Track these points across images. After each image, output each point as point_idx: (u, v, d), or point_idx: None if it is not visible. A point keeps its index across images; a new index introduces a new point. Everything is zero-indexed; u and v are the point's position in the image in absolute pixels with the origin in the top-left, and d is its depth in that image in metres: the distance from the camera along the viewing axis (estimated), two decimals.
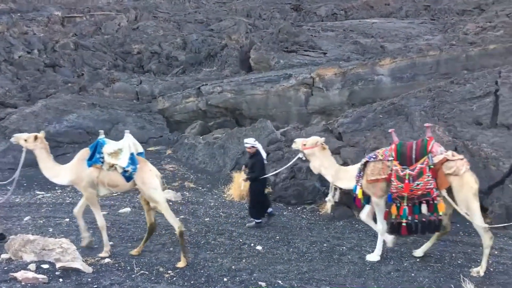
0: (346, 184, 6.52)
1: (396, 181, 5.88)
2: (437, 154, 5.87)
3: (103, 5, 27.62)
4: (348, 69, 13.72)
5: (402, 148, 5.98)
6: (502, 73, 10.26)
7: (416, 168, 5.81)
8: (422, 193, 5.81)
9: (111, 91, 14.84)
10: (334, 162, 6.86)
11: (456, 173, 5.78)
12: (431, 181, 5.78)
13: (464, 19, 25.78)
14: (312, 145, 6.73)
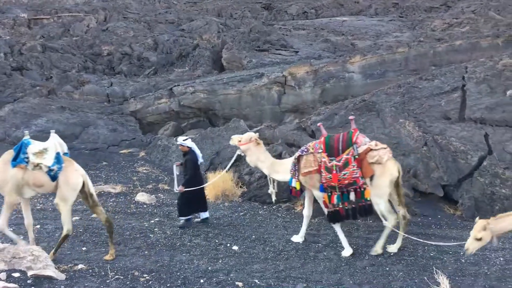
0: (282, 176, 6.94)
1: (325, 172, 6.21)
2: (362, 145, 6.21)
3: (71, 7, 27.09)
4: (319, 67, 13.84)
5: (330, 141, 6.34)
6: (468, 68, 10.54)
7: (342, 159, 6.16)
8: (349, 182, 6.15)
9: (81, 94, 14.55)
10: (269, 156, 7.26)
11: (379, 162, 6.12)
12: (357, 170, 6.13)
13: (432, 16, 26.34)
14: (246, 141, 7.13)
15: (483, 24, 20.21)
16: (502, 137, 8.55)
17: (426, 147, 8.96)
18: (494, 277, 5.66)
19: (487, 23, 20.14)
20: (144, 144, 12.42)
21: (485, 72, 10.09)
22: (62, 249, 6.49)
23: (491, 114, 9.14)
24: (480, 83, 9.85)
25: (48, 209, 8.44)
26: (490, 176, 8.14)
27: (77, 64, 17.91)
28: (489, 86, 9.69)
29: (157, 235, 7.15)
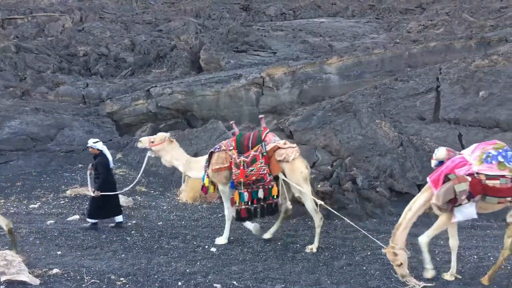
0: (196, 174, 7.07)
1: (235, 168, 6.44)
2: (270, 143, 6.48)
3: (46, 6, 26.62)
4: (297, 68, 13.91)
5: (241, 139, 6.56)
6: (442, 69, 10.74)
7: (250, 155, 6.39)
8: (256, 178, 6.39)
9: (56, 95, 14.30)
10: (184, 154, 7.35)
11: (287, 160, 6.40)
12: (264, 167, 6.38)
13: (407, 17, 26.75)
14: (161, 141, 7.15)
15: (457, 26, 20.62)
16: (475, 137, 8.72)
17: (402, 147, 9.10)
18: (468, 275, 5.76)
19: (461, 25, 20.56)
20: (121, 146, 12.29)
21: (459, 73, 10.30)
22: (36, 253, 6.39)
23: (464, 114, 9.33)
24: (454, 84, 10.05)
25: (21, 213, 8.28)
26: None
27: (52, 65, 17.62)
28: (463, 87, 9.89)
29: (134, 238, 7.09)
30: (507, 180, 5.17)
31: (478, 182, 5.20)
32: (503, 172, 5.18)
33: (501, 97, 9.37)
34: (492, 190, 5.20)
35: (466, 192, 5.16)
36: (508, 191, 5.20)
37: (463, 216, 5.40)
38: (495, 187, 5.18)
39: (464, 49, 13.31)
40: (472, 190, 5.18)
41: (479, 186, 5.19)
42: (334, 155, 9.84)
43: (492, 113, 9.16)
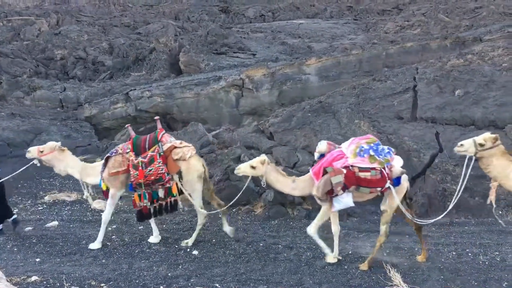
0: (94, 179, 7.07)
1: (133, 170, 6.52)
2: (167, 143, 6.63)
3: (21, 10, 26.22)
4: (276, 69, 13.96)
5: (137, 141, 6.66)
6: (419, 69, 10.90)
7: (147, 156, 6.50)
8: (155, 178, 6.51)
9: (32, 100, 14.09)
10: (77, 160, 7.30)
11: (183, 158, 6.59)
12: (162, 166, 6.52)
13: (385, 18, 27.10)
14: (50, 150, 7.03)
15: (433, 26, 20.99)
16: (452, 135, 8.88)
17: None
18: (447, 271, 5.86)
19: (437, 25, 20.94)
20: (100, 150, 12.14)
21: (435, 73, 10.47)
22: (14, 261, 6.27)
23: (441, 113, 9.49)
24: (430, 83, 10.21)
25: None
26: (441, 173, 8.45)
27: (29, 69, 17.36)
28: (439, 86, 10.06)
29: (115, 243, 7.02)
30: (377, 172, 5.62)
31: (352, 174, 5.64)
32: (373, 165, 5.62)
33: (476, 96, 9.56)
34: (364, 181, 5.65)
35: (342, 184, 5.62)
36: (378, 182, 5.65)
37: (341, 205, 5.85)
38: (366, 178, 5.63)
39: (440, 49, 13.54)
40: (347, 181, 5.63)
41: (353, 178, 5.64)
42: (314, 155, 9.87)
43: (468, 111, 9.33)
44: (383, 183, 5.65)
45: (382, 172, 5.63)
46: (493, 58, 10.56)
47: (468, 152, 5.29)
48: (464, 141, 5.36)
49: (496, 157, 5.22)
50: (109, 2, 34.87)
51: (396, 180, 5.75)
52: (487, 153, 5.20)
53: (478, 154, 5.23)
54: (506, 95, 9.31)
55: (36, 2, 32.17)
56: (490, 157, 5.22)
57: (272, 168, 6.23)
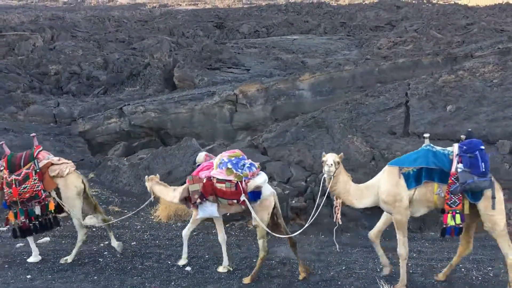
0: None
1: (6, 188, 6.45)
2: (44, 160, 6.64)
3: (16, 25, 26.27)
4: (270, 85, 14.05)
5: (12, 158, 6.61)
6: (411, 85, 11.01)
7: (22, 173, 6.45)
8: (31, 195, 6.46)
9: (25, 115, 14.05)
10: None
11: (61, 175, 6.61)
12: (38, 183, 6.48)
13: (377, 34, 27.40)
14: None
15: (425, 43, 21.22)
16: None
17: (374, 161, 9.25)
18: (441, 286, 5.85)
19: (429, 41, 21.17)
20: (93, 165, 12.11)
21: (427, 89, 10.58)
22: (4, 277, 6.21)
23: (433, 128, 9.56)
24: (422, 99, 10.31)
25: None
26: None
27: (23, 84, 17.33)
28: (431, 102, 10.15)
29: (107, 259, 6.96)
30: (232, 184, 5.87)
31: (211, 184, 5.95)
32: (229, 177, 5.88)
33: (468, 111, 9.65)
34: (220, 192, 5.93)
35: (198, 192, 5.96)
36: (233, 194, 5.91)
37: (205, 213, 6.20)
38: (222, 189, 5.91)
39: (432, 65, 13.69)
40: (204, 191, 5.96)
41: (210, 188, 5.95)
42: (308, 170, 9.91)
43: (460, 126, 9.41)
44: (238, 196, 5.87)
45: (237, 185, 5.86)
46: (484, 74, 10.68)
47: (330, 172, 5.43)
48: (327, 161, 5.41)
49: (341, 175, 5.50)
50: (104, 18, 35.08)
51: (252, 194, 5.93)
52: (338, 171, 5.44)
53: (336, 172, 5.44)
54: (497, 110, 9.41)
55: (31, 18, 32.26)
56: (338, 175, 5.46)
57: (155, 182, 6.68)
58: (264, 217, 6.03)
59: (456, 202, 5.19)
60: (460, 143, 5.30)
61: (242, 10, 49.33)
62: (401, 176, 5.37)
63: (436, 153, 5.39)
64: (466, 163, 5.10)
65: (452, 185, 5.15)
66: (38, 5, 55.14)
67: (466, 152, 5.14)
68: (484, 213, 5.23)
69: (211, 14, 42.12)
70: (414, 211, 5.50)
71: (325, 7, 49.03)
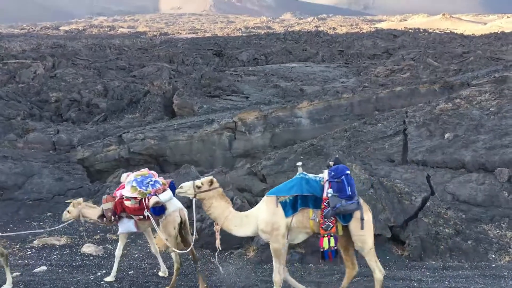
0: None
1: None
2: None
3: (18, 53, 26.63)
4: (269, 112, 14.15)
5: None
6: (408, 113, 11.10)
7: None
8: None
9: (25, 142, 14.08)
10: None
11: None
12: None
13: (375, 62, 27.77)
14: None
15: (422, 70, 21.50)
16: (443, 178, 8.95)
17: (373, 189, 9.23)
18: None
19: (426, 69, 21.46)
20: (92, 193, 12.06)
21: (424, 117, 10.66)
22: None
23: (431, 156, 9.59)
24: (420, 127, 10.37)
25: None
26: (434, 216, 8.45)
27: (23, 111, 17.44)
28: (428, 130, 10.21)
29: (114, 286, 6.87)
30: (136, 201, 6.22)
31: (121, 202, 6.31)
32: (133, 195, 6.22)
33: (465, 139, 9.70)
34: (128, 209, 6.30)
35: (111, 210, 6.34)
36: (137, 210, 6.26)
37: (123, 229, 6.57)
38: (128, 206, 6.27)
39: (429, 93, 13.83)
40: (115, 208, 6.33)
41: (120, 206, 6.31)
42: None
43: (458, 154, 9.44)
44: (142, 211, 6.22)
45: (141, 201, 6.19)
46: (480, 103, 10.79)
47: (187, 194, 5.64)
48: (184, 183, 5.73)
49: (214, 199, 5.62)
50: (105, 46, 35.58)
51: (154, 210, 6.17)
52: (205, 195, 5.58)
53: (197, 196, 5.60)
54: (495, 138, 9.46)
55: (33, 46, 32.73)
56: (209, 199, 5.60)
57: (84, 206, 6.77)
58: (170, 232, 6.31)
59: (330, 225, 5.40)
60: (329, 169, 5.49)
61: (241, 39, 50.09)
62: (279, 205, 5.53)
63: (309, 181, 5.56)
64: (334, 188, 5.34)
65: (324, 209, 5.37)
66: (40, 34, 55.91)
67: (334, 178, 5.37)
68: (354, 233, 5.46)
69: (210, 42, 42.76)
70: (292, 238, 5.65)
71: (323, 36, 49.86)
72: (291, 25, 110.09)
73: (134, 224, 6.47)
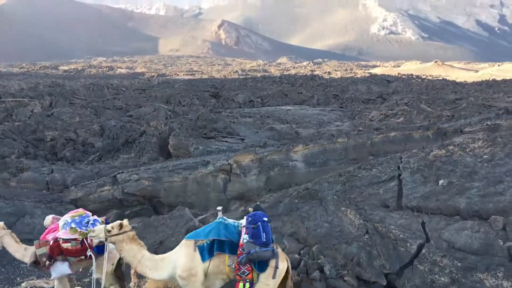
0: None
1: None
2: None
3: (16, 92, 26.85)
4: (264, 155, 14.19)
5: None
6: (403, 158, 11.16)
7: None
8: None
9: (18, 181, 14.00)
10: None
11: None
12: None
13: (369, 107, 28.17)
14: None
15: (416, 116, 21.81)
16: (438, 225, 8.90)
17: (368, 235, 9.15)
18: None
19: (419, 114, 21.77)
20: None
21: (418, 163, 10.71)
22: None
23: (426, 202, 9.57)
24: (414, 173, 10.40)
25: None
26: (429, 264, 8.34)
27: (18, 150, 17.43)
28: (423, 176, 10.24)
29: None
30: (77, 242, 6.16)
31: (57, 245, 6.18)
32: (74, 236, 6.14)
33: (460, 186, 9.71)
34: (67, 251, 6.19)
35: (46, 255, 6.20)
36: (79, 251, 6.20)
37: (57, 273, 6.40)
38: (68, 249, 6.16)
39: (423, 139, 13.97)
40: (51, 252, 6.19)
41: (57, 249, 6.18)
42: (301, 242, 9.79)
43: (452, 201, 9.43)
44: (85, 251, 6.20)
45: (83, 242, 6.17)
46: (474, 150, 10.88)
47: (99, 238, 5.67)
48: (96, 227, 5.77)
49: (125, 243, 5.66)
50: (103, 86, 35.99)
51: (97, 249, 6.23)
52: (115, 239, 5.63)
53: (108, 240, 5.63)
54: (489, 186, 9.48)
55: (31, 84, 33.03)
56: (120, 242, 5.65)
57: (7, 232, 6.69)
58: (108, 269, 6.37)
59: (245, 272, 5.36)
60: (247, 216, 5.55)
61: (238, 81, 50.85)
62: (197, 249, 5.53)
63: (227, 225, 5.60)
64: (250, 234, 5.34)
65: (240, 255, 5.36)
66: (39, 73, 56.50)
67: (250, 224, 5.40)
68: (263, 281, 5.38)
69: (207, 84, 43.36)
70: (209, 284, 5.59)
71: (318, 80, 50.76)
72: (287, 68, 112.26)
73: (69, 266, 6.40)
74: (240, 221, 5.71)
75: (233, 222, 5.69)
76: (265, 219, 5.50)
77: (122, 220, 5.87)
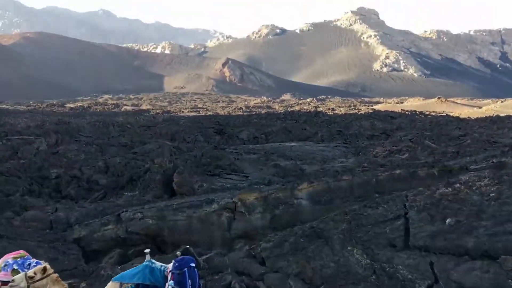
0: None
1: None
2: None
3: (22, 129, 27.13)
4: (268, 193, 14.12)
5: None
6: (409, 197, 11.07)
7: None
8: None
9: (22, 221, 13.94)
10: None
11: None
12: None
13: (373, 143, 28.20)
14: None
15: (420, 152, 21.78)
16: (446, 265, 8.74)
17: (375, 275, 8.98)
18: None
19: (424, 151, 21.75)
20: (86, 274, 11.71)
21: (425, 201, 10.62)
22: None
23: (433, 242, 9.43)
24: (421, 211, 10.30)
25: None
26: None
27: (22, 188, 17.44)
28: (429, 215, 10.13)
29: None
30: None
31: None
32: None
33: (467, 225, 9.59)
34: None
35: None
36: None
37: None
38: None
39: (428, 177, 13.88)
40: None
41: None
42: (307, 283, 9.60)
43: (460, 240, 9.29)
44: None
45: None
46: (480, 188, 10.80)
47: (20, 287, 5.44)
48: (16, 276, 5.55)
49: (48, 286, 5.52)
50: (109, 123, 36.34)
51: None
52: (40, 284, 5.46)
53: (31, 287, 5.42)
54: (497, 225, 9.35)
55: (37, 122, 33.40)
56: (43, 287, 5.47)
57: None
58: None
59: None
60: (174, 260, 5.43)
61: (242, 117, 51.27)
62: None
63: (153, 269, 5.51)
64: (176, 280, 5.23)
65: None
66: (45, 110, 57.23)
67: (176, 269, 5.28)
68: None
69: (212, 121, 43.70)
70: None
71: (322, 116, 51.10)
72: (290, 105, 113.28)
73: None
74: (168, 265, 5.59)
75: (160, 266, 5.59)
76: (193, 264, 5.38)
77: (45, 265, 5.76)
